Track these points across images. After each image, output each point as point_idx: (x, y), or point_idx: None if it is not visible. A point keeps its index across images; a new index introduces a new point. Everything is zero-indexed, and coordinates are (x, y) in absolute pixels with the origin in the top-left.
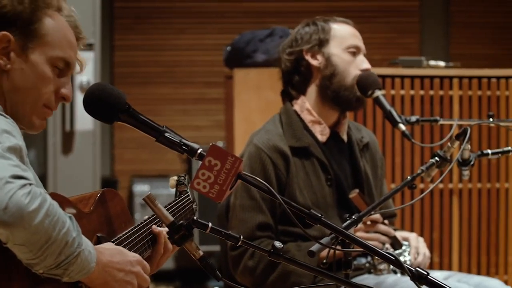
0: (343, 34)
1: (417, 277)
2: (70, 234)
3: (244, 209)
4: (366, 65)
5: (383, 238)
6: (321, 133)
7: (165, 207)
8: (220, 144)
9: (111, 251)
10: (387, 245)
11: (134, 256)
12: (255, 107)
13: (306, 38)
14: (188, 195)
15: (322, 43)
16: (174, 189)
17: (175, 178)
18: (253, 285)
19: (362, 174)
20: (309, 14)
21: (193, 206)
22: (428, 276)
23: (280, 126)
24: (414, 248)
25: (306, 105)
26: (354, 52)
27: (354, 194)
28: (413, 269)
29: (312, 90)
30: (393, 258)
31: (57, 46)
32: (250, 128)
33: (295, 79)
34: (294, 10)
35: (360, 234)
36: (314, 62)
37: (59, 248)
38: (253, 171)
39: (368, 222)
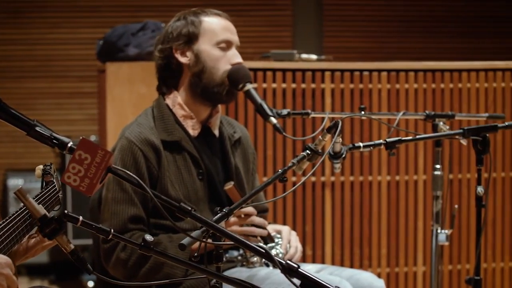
0: (213, 29)
1: (287, 270)
2: None
3: (116, 201)
4: (237, 59)
5: (259, 230)
6: (192, 127)
7: (33, 198)
8: (93, 138)
9: None
10: (259, 238)
11: (3, 258)
12: (127, 101)
13: (176, 34)
14: (55, 185)
15: (191, 39)
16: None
17: (41, 167)
18: (126, 277)
19: (233, 168)
20: (182, 8)
21: (59, 195)
22: (299, 269)
23: (152, 119)
24: (286, 240)
25: (178, 100)
26: (225, 47)
27: (229, 186)
28: (284, 262)
29: (183, 86)
30: (263, 251)
31: None
32: (122, 122)
33: (167, 75)
34: (167, 4)
35: (235, 228)
36: (183, 60)
37: None
38: (124, 164)
39: (242, 216)
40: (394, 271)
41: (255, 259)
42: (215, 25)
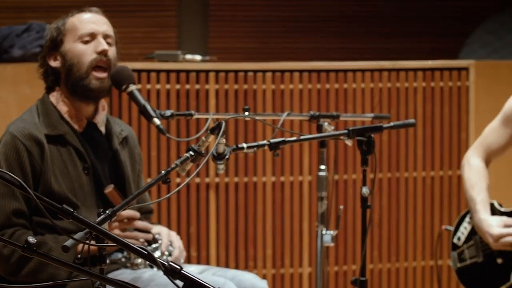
0: (74, 26)
1: (170, 271)
2: None
3: None
4: (101, 46)
5: (141, 235)
6: (77, 123)
7: None
8: None
9: None
10: (142, 240)
11: None
12: (12, 102)
13: (47, 43)
14: None
15: (58, 44)
16: None
17: None
18: (8, 274)
19: (123, 165)
20: (67, 9)
21: None
22: (182, 271)
23: (36, 115)
24: (166, 239)
25: (61, 97)
26: (88, 40)
27: (109, 189)
28: (166, 264)
29: (63, 85)
30: (146, 252)
31: None
32: (7, 123)
33: (49, 81)
34: (52, 5)
35: (117, 233)
36: (55, 64)
37: None
38: (7, 159)
39: (125, 220)
40: (279, 272)
41: (139, 261)
42: (77, 21)
